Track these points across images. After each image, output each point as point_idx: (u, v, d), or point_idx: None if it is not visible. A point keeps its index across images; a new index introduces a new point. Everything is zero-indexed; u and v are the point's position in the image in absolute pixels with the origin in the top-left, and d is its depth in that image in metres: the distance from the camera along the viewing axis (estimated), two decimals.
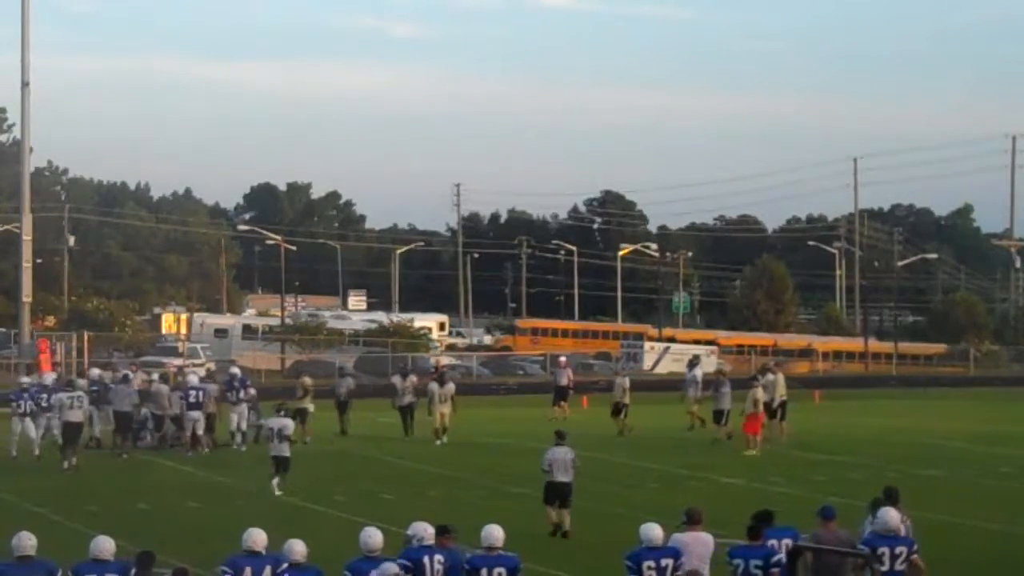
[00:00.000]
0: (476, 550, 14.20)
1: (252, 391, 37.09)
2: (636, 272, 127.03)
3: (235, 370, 39.03)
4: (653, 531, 14.25)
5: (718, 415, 37.41)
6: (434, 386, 37.65)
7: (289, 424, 28.58)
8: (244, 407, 35.81)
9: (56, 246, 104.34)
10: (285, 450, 27.94)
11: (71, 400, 32.62)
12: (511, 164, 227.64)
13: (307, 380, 38.63)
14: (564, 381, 43.09)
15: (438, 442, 36.37)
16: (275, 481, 27.70)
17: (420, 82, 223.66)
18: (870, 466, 32.40)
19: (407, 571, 13.67)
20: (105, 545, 13.61)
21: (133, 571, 13.53)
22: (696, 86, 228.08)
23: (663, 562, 14.05)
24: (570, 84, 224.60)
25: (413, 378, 39.98)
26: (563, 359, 46.95)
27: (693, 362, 44.40)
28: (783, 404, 37.76)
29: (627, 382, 40.96)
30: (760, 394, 36.01)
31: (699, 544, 15.01)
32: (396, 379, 40.24)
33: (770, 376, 38.06)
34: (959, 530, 23.84)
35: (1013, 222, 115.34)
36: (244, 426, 35.64)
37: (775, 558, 14.38)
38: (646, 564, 14.03)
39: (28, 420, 33.45)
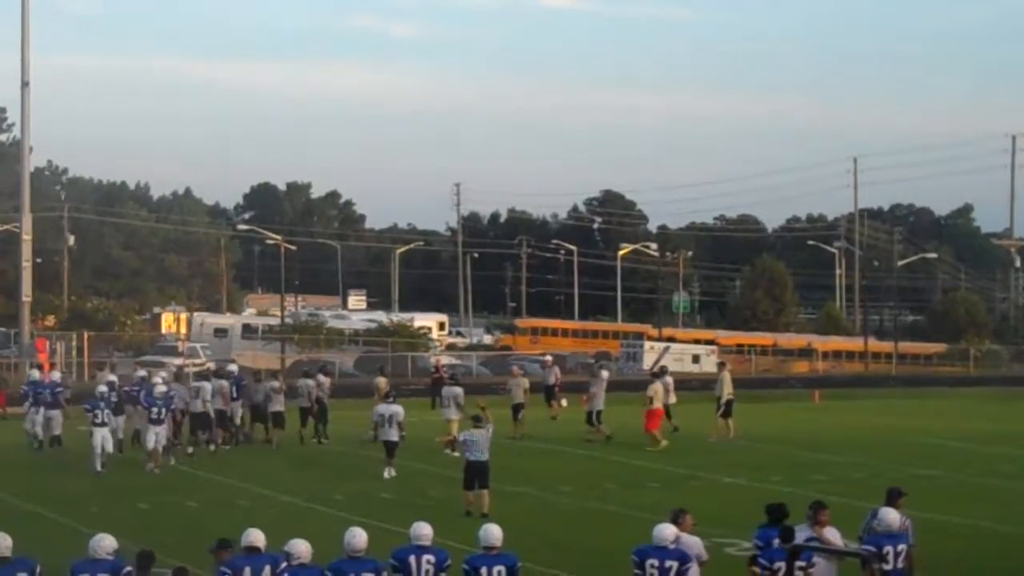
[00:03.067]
0: (474, 550, 14.19)
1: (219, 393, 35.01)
2: (636, 272, 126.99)
3: (161, 384, 33.47)
4: (665, 531, 14.31)
5: (589, 415, 37.65)
6: (446, 389, 35.30)
7: (399, 410, 29.88)
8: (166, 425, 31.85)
9: (56, 246, 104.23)
10: (393, 435, 29.61)
11: (193, 391, 34.47)
12: (511, 164, 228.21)
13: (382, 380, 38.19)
14: (552, 380, 43.34)
15: (446, 450, 32.86)
16: (389, 467, 29.59)
17: (420, 82, 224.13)
18: (870, 466, 32.39)
19: (395, 570, 13.74)
20: (103, 543, 13.50)
21: (126, 570, 13.34)
22: (696, 86, 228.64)
23: (667, 563, 14.04)
24: (570, 84, 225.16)
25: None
26: (548, 358, 47.46)
27: (596, 366, 44.75)
28: (729, 402, 38.09)
29: (527, 382, 39.96)
30: (657, 390, 36.46)
31: None
32: (310, 382, 37.06)
33: (668, 379, 38.83)
34: (959, 530, 23.83)
35: (1013, 222, 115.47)
36: (164, 441, 31.53)
37: (812, 557, 14.16)
38: (649, 562, 14.06)
39: (105, 431, 30.91)
